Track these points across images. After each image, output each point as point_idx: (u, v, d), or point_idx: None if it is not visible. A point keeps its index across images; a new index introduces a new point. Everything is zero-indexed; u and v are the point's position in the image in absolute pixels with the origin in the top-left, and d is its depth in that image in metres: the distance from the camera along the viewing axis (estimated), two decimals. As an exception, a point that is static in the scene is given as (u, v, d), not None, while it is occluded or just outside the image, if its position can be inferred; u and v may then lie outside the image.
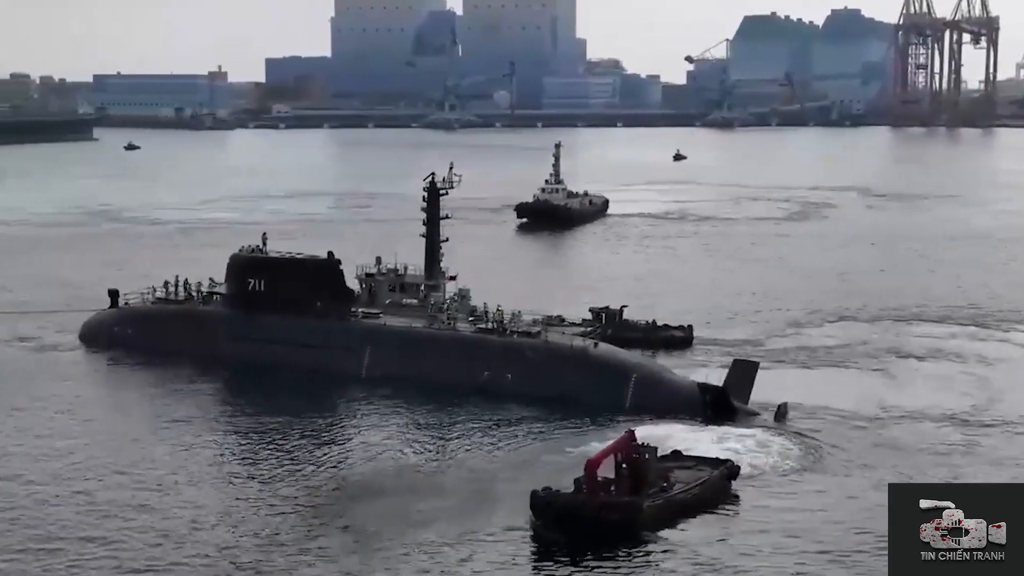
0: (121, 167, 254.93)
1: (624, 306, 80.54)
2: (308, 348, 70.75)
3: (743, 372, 63.44)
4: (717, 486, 48.71)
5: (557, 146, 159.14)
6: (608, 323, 76.97)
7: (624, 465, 46.43)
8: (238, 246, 76.95)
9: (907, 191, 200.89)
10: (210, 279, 77.84)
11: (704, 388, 61.79)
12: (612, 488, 45.22)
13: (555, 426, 60.44)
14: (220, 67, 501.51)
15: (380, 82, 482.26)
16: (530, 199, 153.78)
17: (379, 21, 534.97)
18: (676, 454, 51.57)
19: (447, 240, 76.41)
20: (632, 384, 63.05)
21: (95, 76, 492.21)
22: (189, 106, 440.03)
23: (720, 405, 60.87)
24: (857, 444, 57.92)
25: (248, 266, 74.27)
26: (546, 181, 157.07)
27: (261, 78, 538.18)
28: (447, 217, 76.28)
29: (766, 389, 65.25)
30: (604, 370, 64.30)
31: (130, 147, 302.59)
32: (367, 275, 76.68)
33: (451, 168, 76.50)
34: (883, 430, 60.68)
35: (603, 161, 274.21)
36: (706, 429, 58.67)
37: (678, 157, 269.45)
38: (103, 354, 76.56)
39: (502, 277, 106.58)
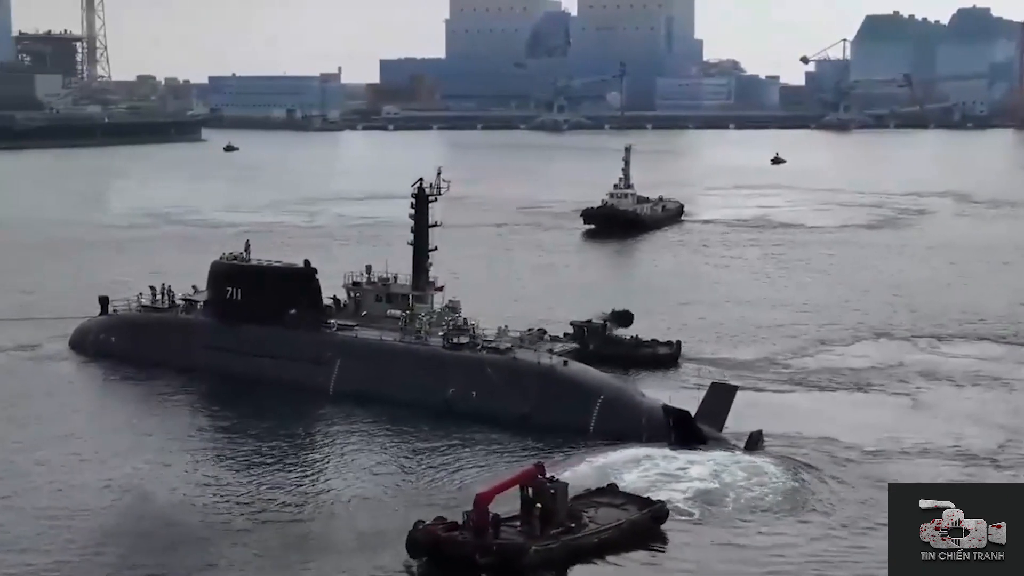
0: (213, 168, 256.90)
1: (607, 320, 75.83)
2: (279, 360, 67.87)
3: (720, 396, 58.51)
4: (639, 529, 44.04)
5: (627, 149, 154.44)
6: (591, 338, 72.35)
7: (538, 503, 42.29)
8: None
9: (1010, 198, 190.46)
10: (193, 287, 75.66)
11: (668, 411, 57.04)
12: (500, 526, 41.09)
13: (507, 451, 56.38)
14: (339, 68, 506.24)
15: (492, 83, 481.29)
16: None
17: (493, 22, 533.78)
18: (610, 489, 47.07)
19: (435, 249, 72.56)
20: (598, 406, 58.60)
21: (210, 78, 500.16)
22: (300, 107, 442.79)
23: (685, 429, 56.04)
24: (835, 482, 52.50)
25: (226, 274, 71.77)
26: (615, 185, 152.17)
27: (376, 79, 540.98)
28: (436, 225, 72.39)
29: (762, 415, 60.72)
30: (571, 390, 60.00)
31: (229, 148, 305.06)
32: (354, 284, 73.46)
33: (439, 173, 72.61)
34: (876, 465, 54.98)
35: (697, 164, 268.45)
36: (664, 457, 54.03)
37: (777, 160, 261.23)
38: (85, 362, 74.95)
39: (528, 286, 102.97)
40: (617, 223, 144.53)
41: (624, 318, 76.00)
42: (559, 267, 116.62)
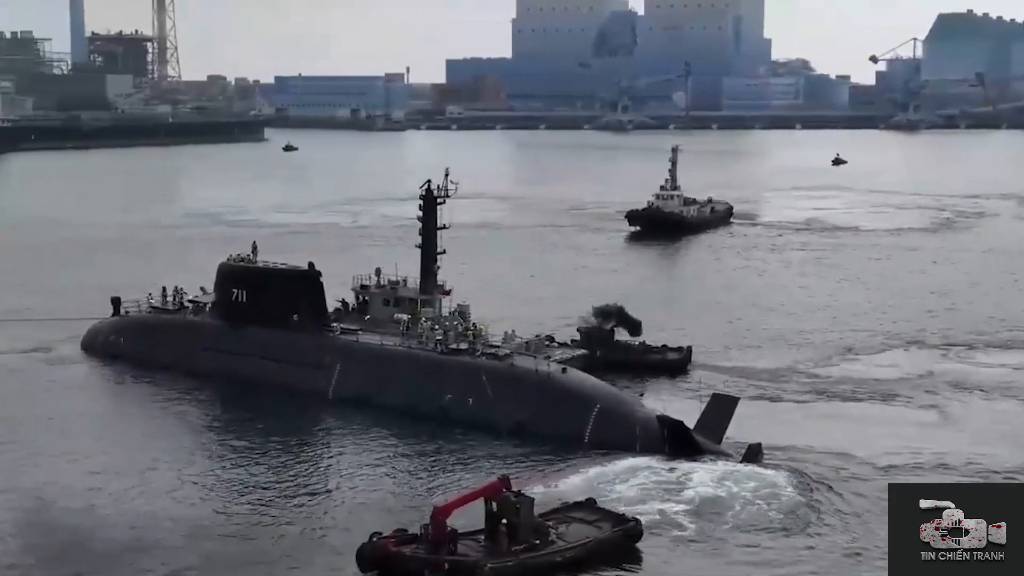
0: (270, 168, 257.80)
1: (614, 326, 73.90)
2: (281, 363, 66.90)
3: (721, 407, 56.47)
4: (610, 547, 42.23)
5: (674, 150, 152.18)
6: (598, 344, 70.46)
7: (501, 518, 40.73)
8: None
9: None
10: (201, 288, 75.05)
11: (662, 421, 55.10)
12: (459, 541, 39.60)
13: (499, 460, 54.68)
14: (407, 69, 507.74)
15: (557, 83, 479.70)
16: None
17: (560, 22, 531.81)
18: (588, 504, 45.29)
19: (444, 252, 71.10)
20: (594, 416, 56.80)
21: (276, 78, 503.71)
22: (365, 107, 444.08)
23: (680, 440, 54.10)
24: (839, 498, 50.19)
25: (232, 276, 70.97)
26: (661, 187, 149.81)
27: (443, 79, 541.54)
28: (445, 227, 70.94)
29: (772, 426, 58.89)
30: (567, 399, 58.24)
31: (288, 148, 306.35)
32: (362, 287, 72.27)
33: (447, 175, 71.17)
34: (882, 480, 52.52)
35: (758, 165, 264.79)
36: (655, 468, 52.27)
37: (837, 161, 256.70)
38: (93, 363, 74.58)
39: (554, 289, 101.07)
40: (662, 225, 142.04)
41: (608, 315, 73.72)
42: (592, 270, 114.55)
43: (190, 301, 74.94)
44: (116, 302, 77.85)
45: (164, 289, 76.57)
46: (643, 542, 43.97)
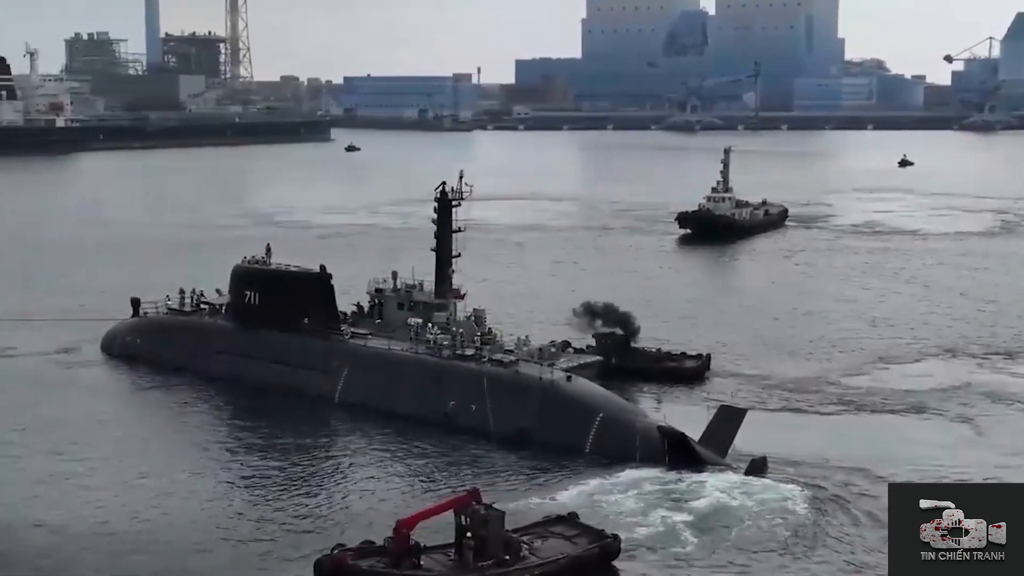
0: (330, 168, 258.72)
1: (632, 332, 72.13)
2: (291, 367, 66.15)
3: (728, 419, 54.66)
4: (584, 564, 40.68)
5: (726, 151, 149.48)
6: (614, 350, 68.75)
7: (467, 532, 39.42)
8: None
9: None
10: (217, 290, 74.60)
11: (663, 432, 53.42)
12: (422, 555, 38.36)
13: (498, 469, 53.41)
14: (479, 69, 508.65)
15: (626, 83, 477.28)
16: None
17: (629, 22, 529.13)
18: (569, 519, 43.77)
19: (459, 255, 69.85)
20: (596, 425, 55.25)
21: (345, 78, 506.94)
22: (433, 108, 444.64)
23: (680, 452, 52.40)
24: (847, 517, 48.11)
25: (245, 278, 70.41)
26: (713, 189, 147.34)
27: (512, 80, 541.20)
28: (460, 230, 69.70)
29: (787, 438, 57.20)
30: (570, 408, 56.70)
31: (350, 148, 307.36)
32: (377, 291, 71.27)
33: (461, 177, 69.95)
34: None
35: (823, 166, 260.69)
36: (652, 480, 50.82)
37: (904, 163, 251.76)
38: (110, 365, 74.39)
39: (584, 294, 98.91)
40: (712, 228, 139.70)
41: (592, 313, 71.94)
42: (632, 273, 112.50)
43: (205, 303, 74.51)
44: (136, 303, 77.64)
45: (182, 291, 76.22)
46: (620, 560, 42.44)
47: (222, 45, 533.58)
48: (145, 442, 58.42)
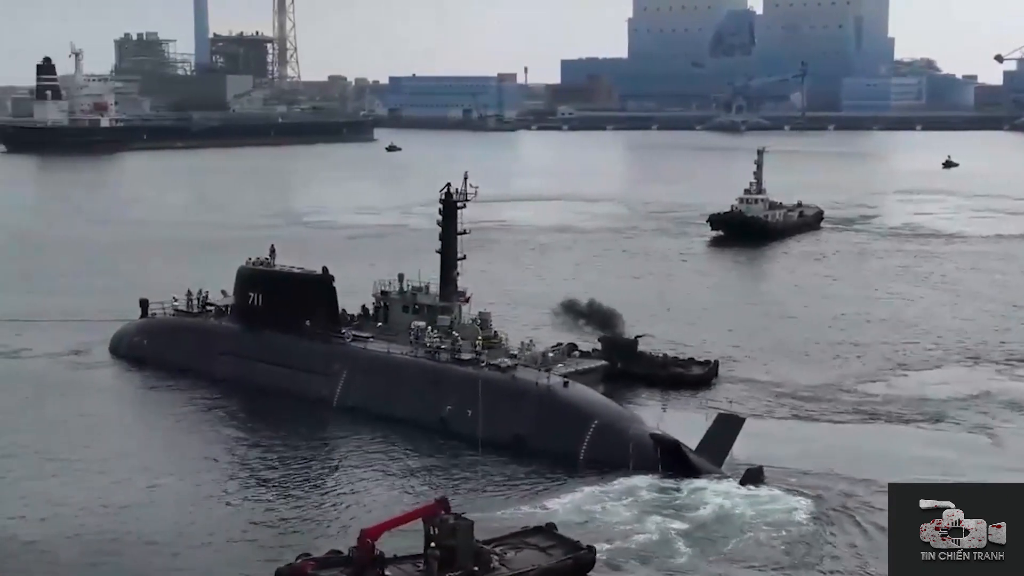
0: (368, 168, 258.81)
1: (639, 336, 70.80)
2: (291, 370, 65.56)
3: (726, 427, 53.30)
4: (557, 575, 39.60)
5: (759, 152, 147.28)
6: (619, 355, 67.49)
7: (431, 543, 38.48)
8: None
9: None
10: (222, 291, 74.15)
11: (657, 440, 52.16)
12: (387, 565, 37.41)
13: (489, 477, 52.36)
14: (526, 69, 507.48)
15: (672, 83, 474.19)
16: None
17: (676, 22, 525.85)
18: (546, 529, 42.67)
19: (464, 257, 68.92)
20: (590, 433, 54.09)
21: (391, 78, 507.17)
22: (477, 108, 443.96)
23: (674, 460, 51.15)
24: (840, 529, 46.69)
25: (249, 280, 69.95)
26: (746, 190, 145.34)
27: (558, 80, 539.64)
28: (464, 232, 68.80)
29: (791, 448, 55.85)
30: (566, 414, 55.57)
31: (391, 148, 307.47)
32: (382, 293, 70.50)
33: (466, 179, 69.02)
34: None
35: (866, 167, 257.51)
36: (644, 489, 49.70)
37: (948, 164, 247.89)
38: (116, 366, 74.18)
39: (605, 297, 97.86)
40: (743, 230, 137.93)
41: (575, 310, 70.65)
42: (656, 276, 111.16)
43: (210, 304, 74.13)
44: (144, 304, 77.39)
45: (189, 292, 75.87)
46: (609, 571, 41.40)
47: (269, 45, 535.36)
48: (131, 445, 57.77)
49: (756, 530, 46.25)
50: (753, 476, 50.48)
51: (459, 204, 68.29)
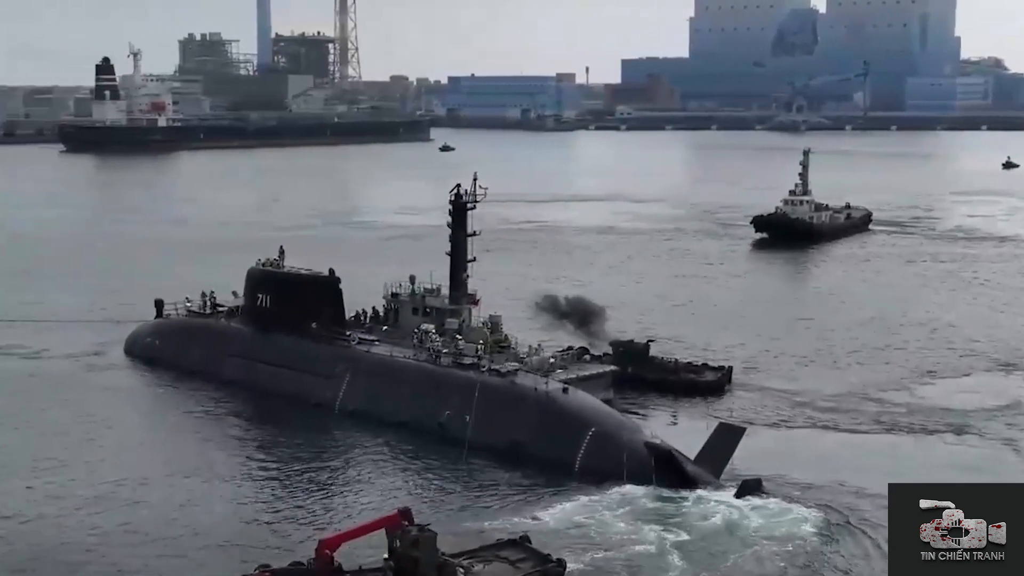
0: (419, 168, 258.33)
1: (651, 340, 69.05)
2: (297, 372, 64.75)
3: (726, 437, 51.63)
4: (524, 591, 38.35)
5: (805, 153, 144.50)
6: (631, 359, 65.91)
7: (385, 556, 37.40)
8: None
9: None
10: (233, 292, 73.56)
11: (650, 448, 50.62)
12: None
13: (477, 488, 51.11)
14: (587, 68, 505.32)
15: (732, 83, 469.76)
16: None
17: (738, 21, 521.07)
18: (520, 542, 41.31)
19: (474, 259, 67.72)
20: (587, 441, 52.64)
21: (449, 78, 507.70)
22: (535, 108, 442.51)
23: (668, 470, 49.60)
24: (843, 547, 44.85)
25: (258, 281, 69.30)
26: (791, 192, 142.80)
27: (619, 79, 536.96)
28: (475, 234, 67.62)
29: (798, 459, 54.19)
30: (564, 421, 54.13)
31: (444, 148, 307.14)
32: (393, 295, 69.50)
33: (475, 180, 67.83)
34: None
35: (925, 168, 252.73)
36: (637, 499, 48.34)
37: (1008, 165, 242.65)
38: (130, 367, 73.81)
39: (628, 300, 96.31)
40: (788, 232, 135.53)
41: (554, 306, 69.01)
42: (685, 278, 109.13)
43: (217, 306, 73.66)
44: (159, 305, 77.08)
45: (203, 293, 75.39)
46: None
47: (331, 45, 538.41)
48: (120, 449, 57.14)
49: (751, 544, 44.71)
50: (750, 487, 48.84)
51: (469, 205, 67.06)
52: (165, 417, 63.38)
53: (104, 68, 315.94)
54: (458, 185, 67.69)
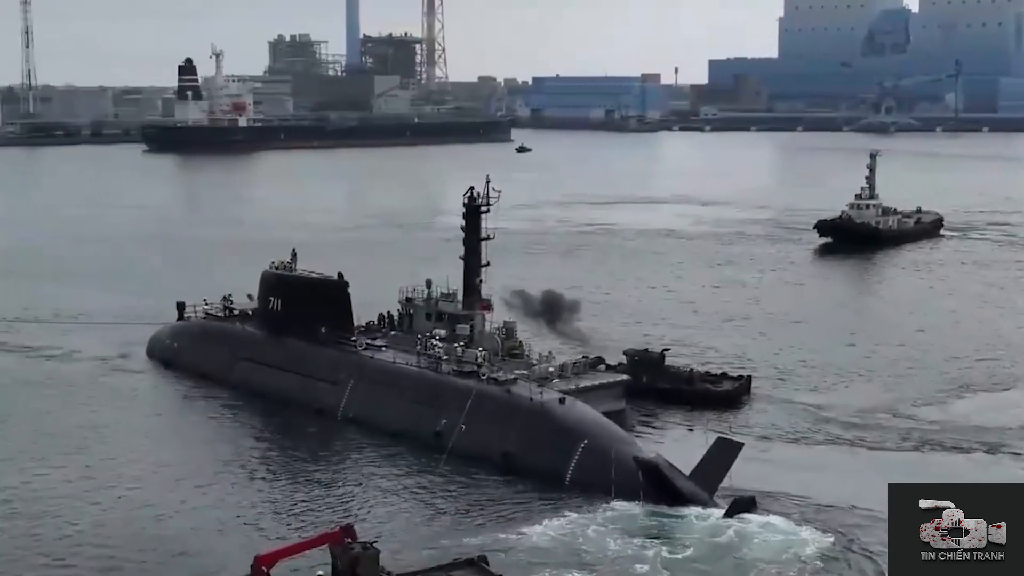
0: (491, 169, 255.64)
1: (666, 349, 66.74)
2: (304, 378, 63.84)
3: (723, 453, 49.40)
4: (475, 615, 36.71)
5: (872, 156, 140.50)
6: (645, 369, 63.77)
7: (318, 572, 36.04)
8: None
9: None
10: (248, 295, 72.83)
11: (640, 463, 48.58)
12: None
13: (466, 500, 49.59)
14: (676, 69, 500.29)
15: (822, 83, 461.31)
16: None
17: (828, 20, 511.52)
18: (478, 563, 39.55)
19: (488, 264, 66.17)
20: (578, 453, 50.78)
21: (534, 78, 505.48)
22: (619, 108, 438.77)
23: (657, 485, 47.54)
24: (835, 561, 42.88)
25: (270, 284, 68.51)
26: (857, 196, 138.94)
27: (706, 80, 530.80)
28: (489, 238, 66.08)
29: (807, 475, 52.22)
30: (556, 432, 52.38)
31: (521, 149, 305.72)
32: (407, 300, 68.27)
33: (487, 182, 66.29)
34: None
35: (1008, 171, 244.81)
36: (622, 517, 46.47)
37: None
38: (149, 370, 73.61)
39: (667, 306, 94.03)
40: (853, 237, 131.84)
41: (523, 300, 66.99)
42: (731, 286, 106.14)
43: (228, 309, 73.07)
44: (181, 307, 76.68)
45: (224, 296, 74.85)
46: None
47: (418, 46, 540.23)
48: (116, 452, 56.74)
49: (736, 566, 42.65)
50: (743, 505, 46.63)
51: (483, 209, 65.55)
52: (166, 421, 62.91)
53: (186, 69, 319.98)
54: (471, 188, 66.03)
